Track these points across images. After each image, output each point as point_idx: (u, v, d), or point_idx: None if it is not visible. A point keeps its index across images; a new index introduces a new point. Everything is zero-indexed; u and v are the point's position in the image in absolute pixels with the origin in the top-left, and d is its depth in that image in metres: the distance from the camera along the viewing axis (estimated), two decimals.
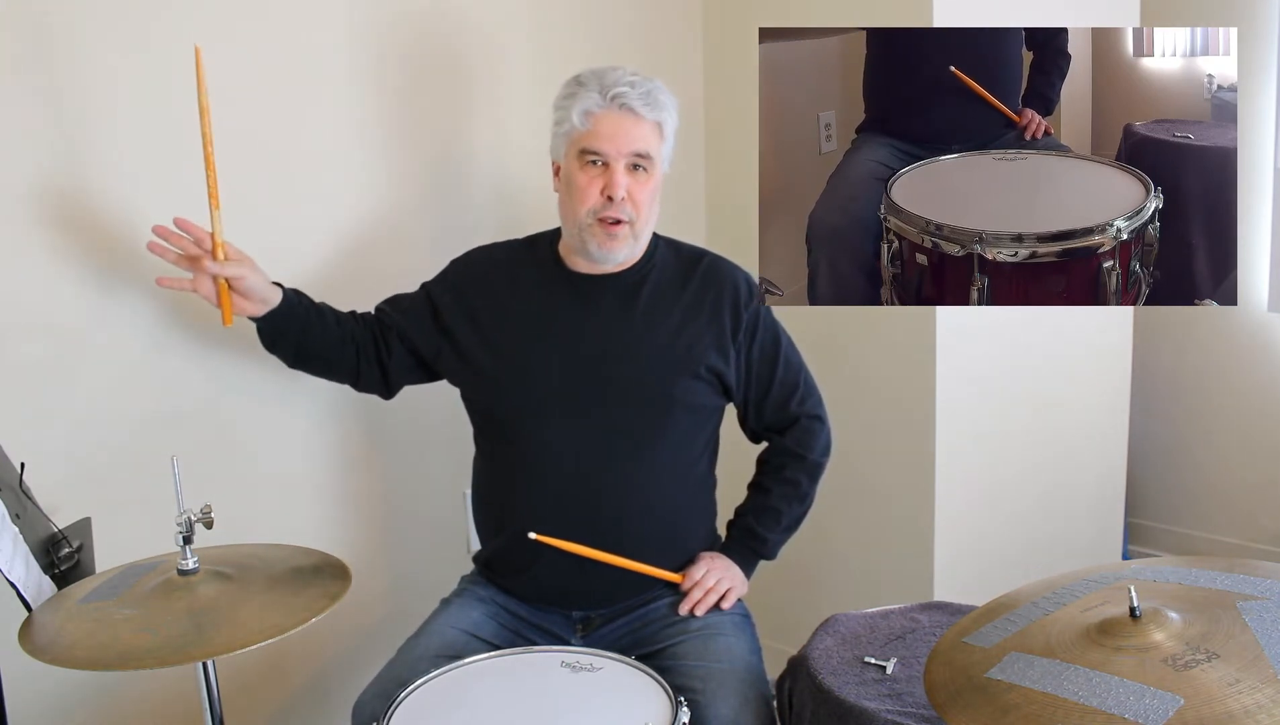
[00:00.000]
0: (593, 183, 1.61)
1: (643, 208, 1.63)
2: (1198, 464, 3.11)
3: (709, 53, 2.54)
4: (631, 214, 1.62)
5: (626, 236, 1.63)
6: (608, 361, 1.65)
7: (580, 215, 1.63)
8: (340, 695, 1.99)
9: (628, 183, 1.61)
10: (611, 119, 1.60)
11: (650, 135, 1.62)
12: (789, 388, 1.77)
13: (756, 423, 1.78)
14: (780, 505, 1.76)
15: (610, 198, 1.60)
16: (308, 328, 1.70)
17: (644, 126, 1.61)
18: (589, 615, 1.69)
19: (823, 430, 1.80)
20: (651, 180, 1.64)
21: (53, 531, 1.53)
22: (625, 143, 1.60)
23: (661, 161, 1.66)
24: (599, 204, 1.61)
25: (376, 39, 1.99)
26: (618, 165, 1.60)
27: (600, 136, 1.60)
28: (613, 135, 1.60)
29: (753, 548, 1.76)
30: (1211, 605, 1.11)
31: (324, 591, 1.36)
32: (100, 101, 1.69)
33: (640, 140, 1.61)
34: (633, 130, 1.60)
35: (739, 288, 1.73)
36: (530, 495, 1.67)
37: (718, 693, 1.48)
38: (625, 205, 1.61)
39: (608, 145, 1.60)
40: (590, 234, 1.63)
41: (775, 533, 1.77)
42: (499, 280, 1.73)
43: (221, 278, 1.59)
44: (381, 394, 1.82)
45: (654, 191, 1.65)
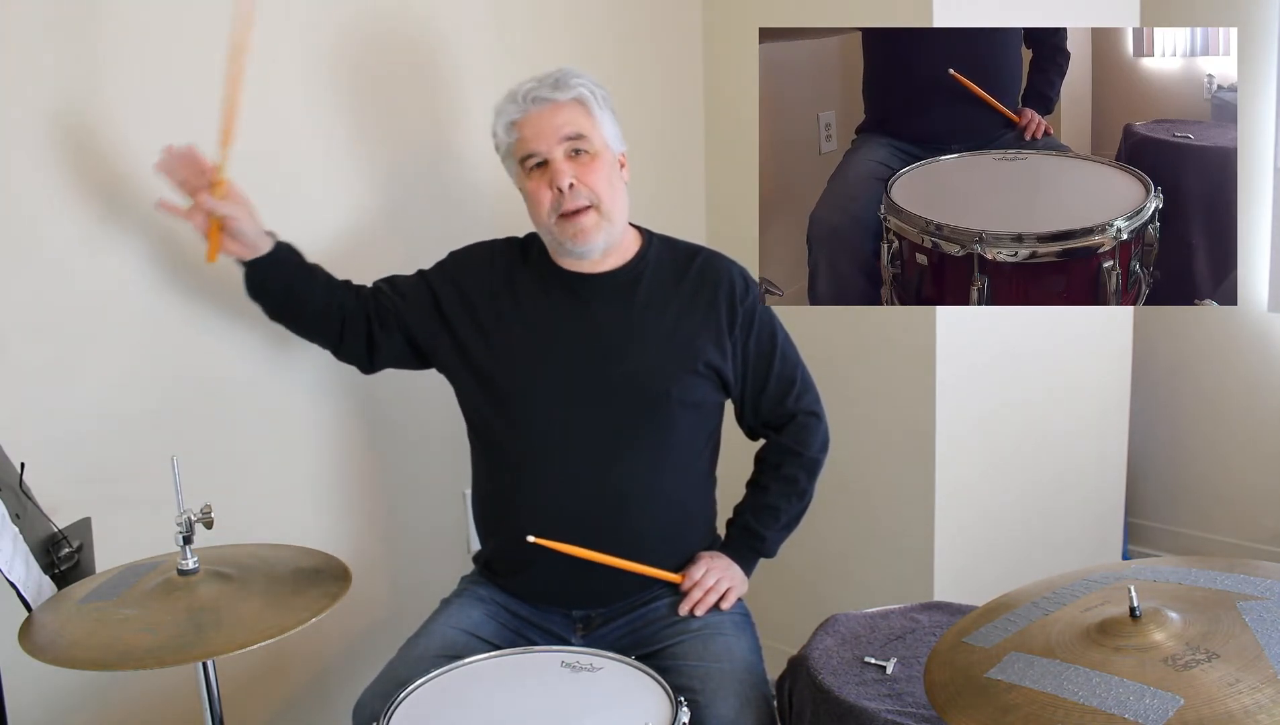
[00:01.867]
0: (541, 185, 1.63)
1: (600, 188, 1.62)
2: (1198, 464, 3.11)
3: (709, 53, 2.54)
4: (591, 196, 1.62)
5: (595, 222, 1.63)
6: (605, 359, 1.65)
7: (544, 220, 1.64)
8: (341, 695, 1.99)
9: (572, 170, 1.61)
10: (530, 117, 1.62)
11: (574, 115, 1.62)
12: (786, 383, 1.76)
13: (754, 419, 1.78)
14: (779, 503, 1.76)
15: (560, 189, 1.60)
16: (292, 285, 1.70)
17: (564, 110, 1.61)
18: (589, 615, 1.69)
19: (820, 427, 1.80)
20: (597, 160, 1.63)
21: (53, 531, 1.53)
22: (552, 132, 1.61)
23: (604, 141, 1.65)
24: (554, 201, 1.62)
25: (364, 39, 1.99)
26: (555, 155, 1.61)
27: (528, 139, 1.62)
28: (537, 131, 1.61)
29: (752, 546, 1.76)
30: (1211, 605, 1.11)
31: (324, 591, 1.36)
32: (99, 99, 1.69)
33: (565, 124, 1.61)
34: (553, 118, 1.61)
35: (735, 282, 1.73)
36: (528, 495, 1.67)
37: (717, 693, 1.48)
38: (579, 191, 1.61)
39: (537, 143, 1.61)
40: (559, 232, 1.64)
41: (774, 530, 1.77)
42: (497, 277, 1.73)
43: (215, 214, 1.59)
44: (363, 368, 1.81)
45: (607, 172, 1.64)
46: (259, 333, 1.89)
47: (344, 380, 2.01)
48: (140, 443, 1.77)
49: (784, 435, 1.78)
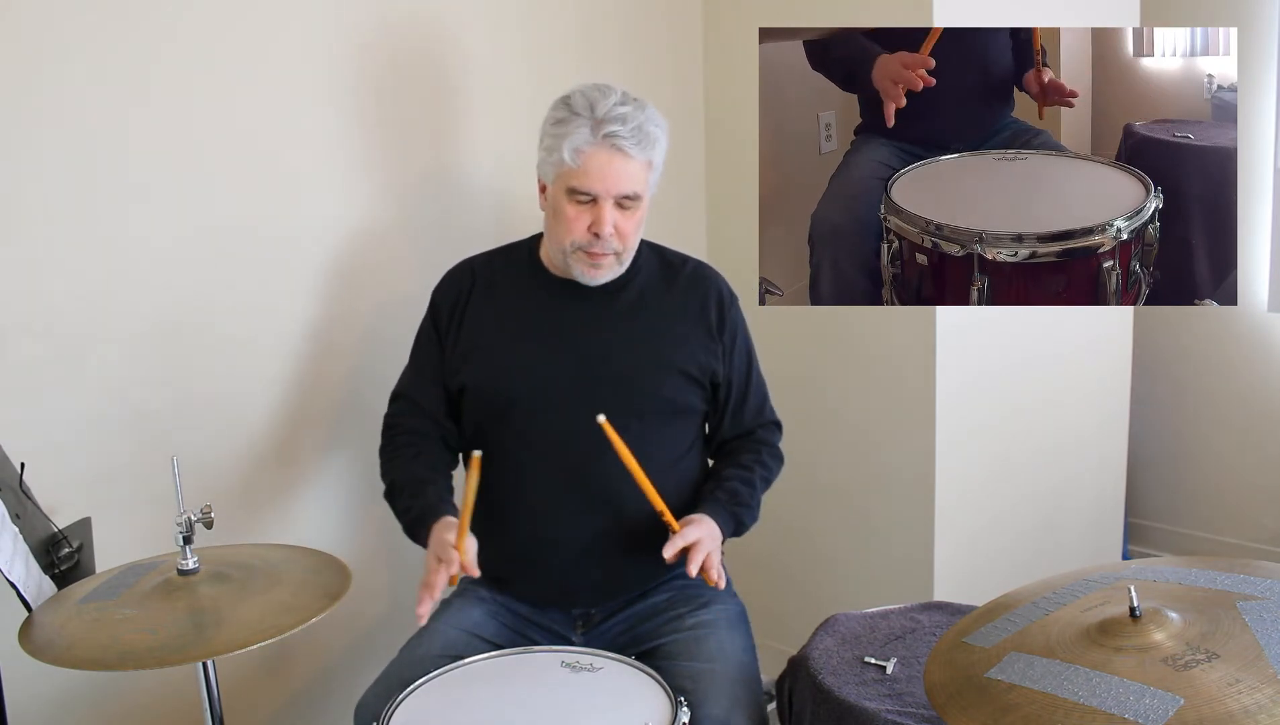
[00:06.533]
0: (580, 216, 1.61)
1: (628, 238, 1.64)
2: (1198, 464, 3.11)
3: (709, 53, 2.54)
4: (618, 246, 1.63)
5: (612, 265, 1.65)
6: (594, 362, 1.66)
7: (565, 245, 1.63)
8: (341, 695, 1.99)
9: (615, 218, 1.61)
10: (601, 158, 1.57)
11: (639, 173, 1.61)
12: (761, 394, 1.79)
13: (732, 428, 1.77)
14: (751, 466, 1.73)
15: (597, 235, 1.60)
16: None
17: (634, 166, 1.59)
18: (588, 612, 1.70)
19: (781, 434, 1.81)
20: (638, 213, 1.64)
21: (53, 531, 1.53)
22: (614, 184, 1.59)
23: (649, 192, 1.65)
24: (585, 239, 1.61)
25: (370, 44, 1.99)
26: (606, 204, 1.59)
27: (590, 176, 1.58)
28: (602, 176, 1.58)
29: (730, 509, 1.68)
30: (1211, 605, 1.11)
31: (324, 591, 1.36)
32: (101, 100, 1.69)
33: (629, 181, 1.59)
34: (623, 171, 1.58)
35: (722, 291, 1.75)
36: (522, 497, 1.67)
37: (709, 693, 1.48)
38: (611, 241, 1.62)
39: (598, 185, 1.58)
40: (575, 261, 1.64)
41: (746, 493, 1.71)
42: (478, 291, 1.74)
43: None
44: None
45: (640, 221, 1.66)
46: (259, 333, 1.90)
47: (344, 380, 2.01)
48: (140, 443, 1.77)
49: (752, 439, 1.78)
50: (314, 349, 1.97)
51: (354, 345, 2.02)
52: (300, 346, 1.95)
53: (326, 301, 1.97)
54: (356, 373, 2.02)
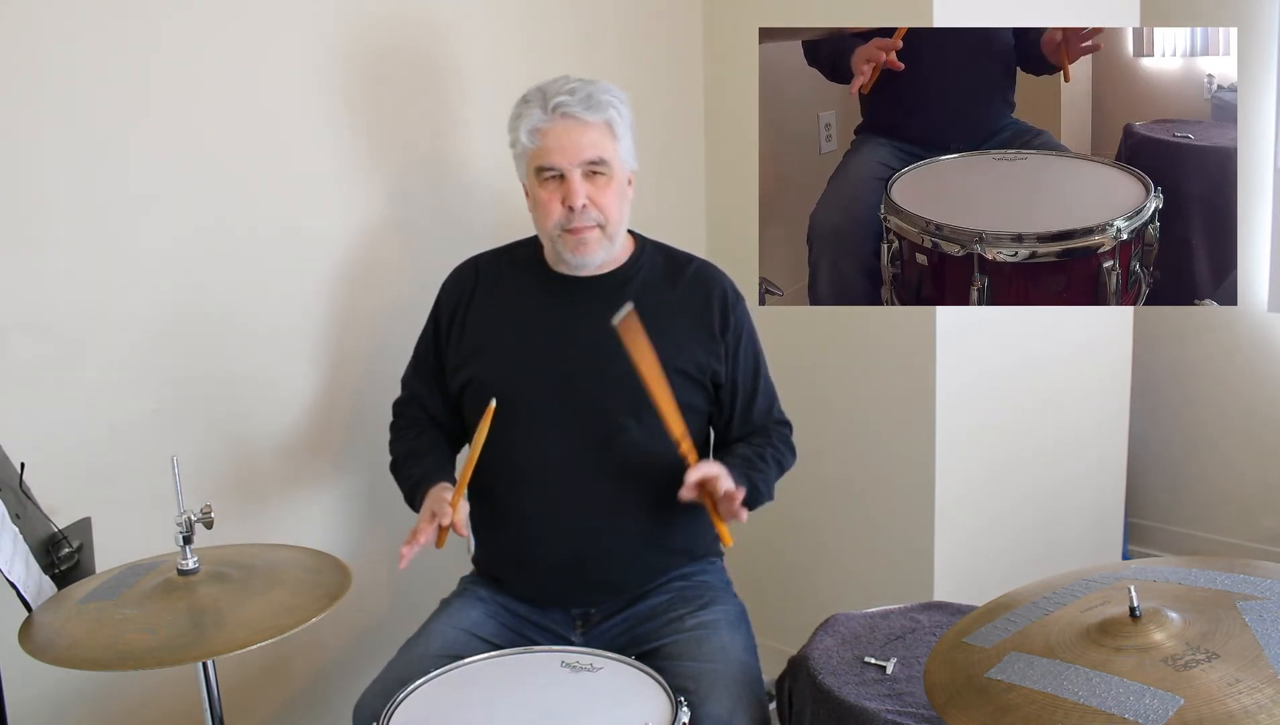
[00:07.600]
0: (553, 197, 1.63)
1: (609, 210, 1.64)
2: (1198, 464, 3.11)
3: (709, 53, 2.54)
4: (598, 217, 1.63)
5: (598, 240, 1.65)
6: (597, 360, 1.65)
7: (549, 230, 1.65)
8: (341, 695, 1.99)
9: (587, 189, 1.62)
10: (557, 130, 1.61)
11: (601, 138, 1.62)
12: (770, 394, 1.79)
13: (741, 428, 1.76)
14: (761, 448, 1.71)
15: (571, 208, 1.61)
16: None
17: (591, 131, 1.61)
18: (588, 612, 1.69)
19: (792, 434, 1.81)
20: (612, 182, 1.64)
21: (53, 531, 1.53)
22: (575, 151, 1.61)
23: (621, 162, 1.66)
24: (563, 216, 1.63)
25: (371, 45, 1.99)
26: (573, 175, 1.61)
27: (550, 151, 1.61)
28: (561, 146, 1.61)
29: (745, 472, 1.65)
30: (1211, 605, 1.11)
31: (324, 591, 1.36)
32: (101, 101, 1.69)
33: (590, 146, 1.61)
34: (580, 137, 1.61)
35: (726, 291, 1.74)
36: (522, 496, 1.67)
37: (710, 693, 1.48)
38: (589, 211, 1.62)
39: (559, 157, 1.61)
40: (562, 244, 1.65)
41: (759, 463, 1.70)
42: (482, 289, 1.75)
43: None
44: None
45: (618, 192, 1.66)
46: (259, 333, 1.90)
47: (344, 380, 2.01)
48: (140, 443, 1.77)
49: (764, 430, 1.77)
50: (314, 349, 1.97)
51: (354, 345, 2.02)
52: (301, 346, 1.95)
53: (327, 301, 1.97)
54: (357, 373, 2.03)
